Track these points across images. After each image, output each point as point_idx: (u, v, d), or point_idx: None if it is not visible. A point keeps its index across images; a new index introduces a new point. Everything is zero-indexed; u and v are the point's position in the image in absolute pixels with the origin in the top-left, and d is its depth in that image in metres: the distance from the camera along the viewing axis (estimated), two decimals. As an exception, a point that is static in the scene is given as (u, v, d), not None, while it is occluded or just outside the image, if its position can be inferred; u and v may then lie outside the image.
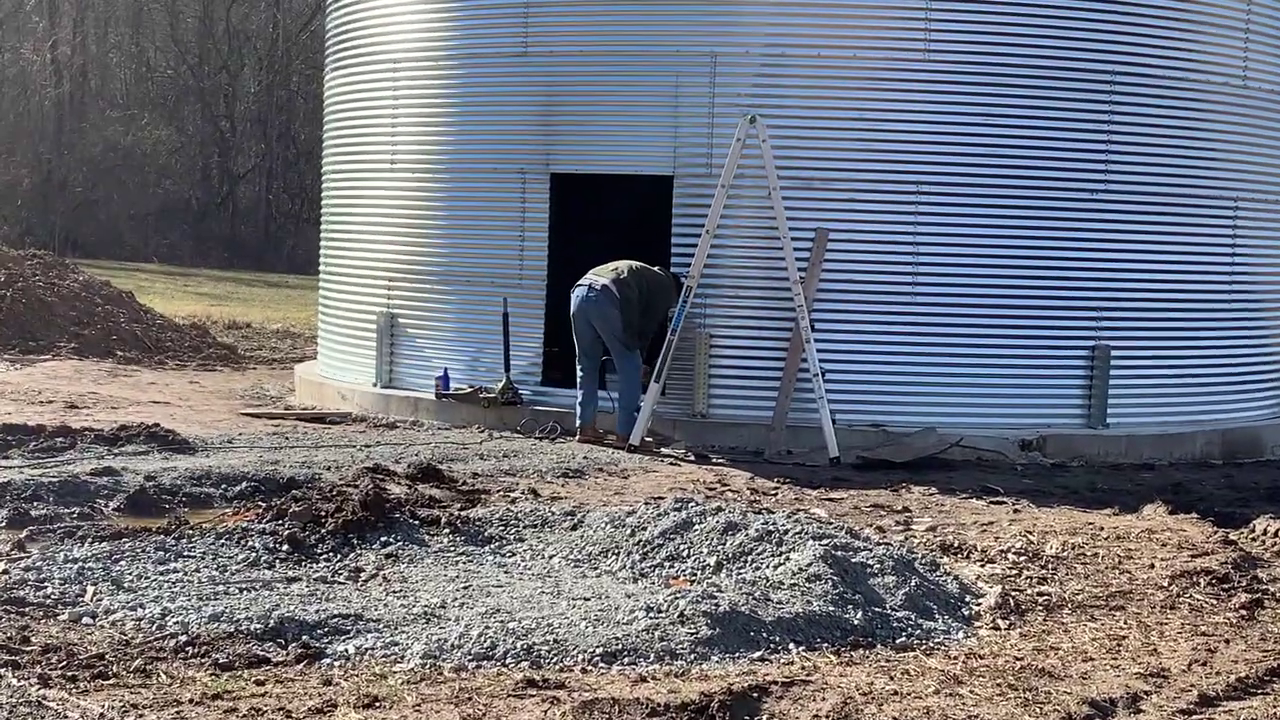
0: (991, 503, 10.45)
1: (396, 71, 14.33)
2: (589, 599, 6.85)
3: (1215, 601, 7.44)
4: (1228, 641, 6.70)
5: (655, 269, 12.60)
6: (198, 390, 15.68)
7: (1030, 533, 9.06)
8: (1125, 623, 7.01)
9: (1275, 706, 5.76)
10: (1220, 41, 13.61)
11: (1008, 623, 6.97)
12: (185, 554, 7.38)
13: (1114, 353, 13.06)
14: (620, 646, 6.09)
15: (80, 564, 7.06)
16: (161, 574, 7.02)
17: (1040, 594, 7.54)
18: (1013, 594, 7.42)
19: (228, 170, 50.40)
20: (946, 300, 12.75)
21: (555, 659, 5.99)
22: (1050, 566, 8.18)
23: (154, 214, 46.71)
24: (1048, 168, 12.89)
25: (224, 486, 9.51)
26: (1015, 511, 10.08)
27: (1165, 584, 7.73)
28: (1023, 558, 8.36)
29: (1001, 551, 8.49)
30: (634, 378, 12.40)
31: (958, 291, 12.76)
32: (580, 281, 12.46)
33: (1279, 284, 14.73)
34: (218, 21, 50.65)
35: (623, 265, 12.48)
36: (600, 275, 12.41)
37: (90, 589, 6.69)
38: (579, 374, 12.56)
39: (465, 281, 13.79)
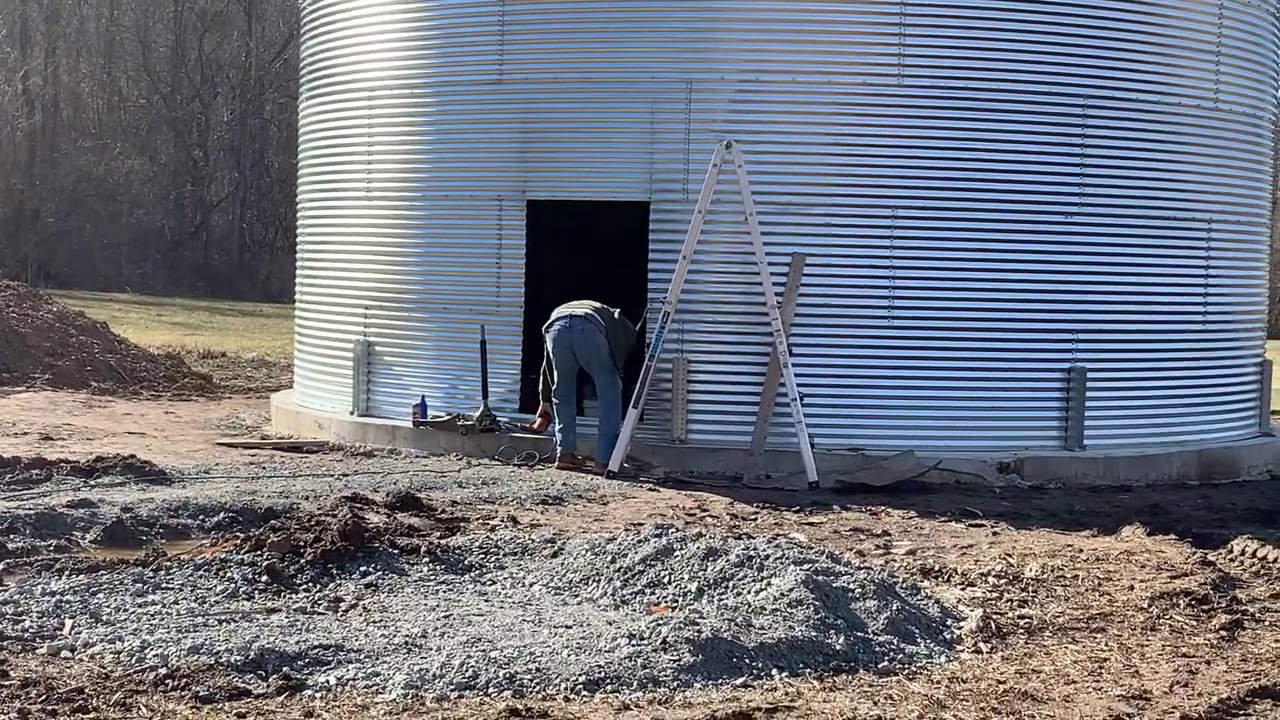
0: (970, 525, 10.47)
1: (372, 99, 14.33)
2: (570, 627, 6.83)
3: (1195, 623, 7.45)
4: (1209, 663, 6.71)
5: (613, 310, 12.66)
6: (173, 420, 15.61)
7: (1010, 555, 9.07)
8: (1106, 645, 7.02)
9: (1258, 727, 5.78)
10: (1192, 64, 13.72)
11: (989, 646, 6.97)
12: (164, 586, 7.33)
13: (1090, 375, 13.11)
14: (603, 674, 6.07)
15: (58, 597, 7.01)
16: (140, 606, 6.97)
17: (1021, 617, 7.54)
18: (994, 617, 7.42)
19: (201, 199, 50.32)
20: (923, 323, 12.79)
21: (538, 688, 5.97)
22: (1030, 589, 8.19)
23: (127, 243, 46.60)
24: (1022, 190, 12.95)
25: (202, 517, 9.47)
26: (994, 534, 10.10)
27: (1145, 605, 7.74)
28: (1003, 580, 8.37)
29: (982, 574, 8.50)
30: (616, 404, 12.42)
31: (934, 314, 12.80)
32: (555, 317, 12.50)
33: (1253, 305, 14.84)
34: (190, 50, 50.64)
35: (586, 303, 12.58)
36: (576, 308, 12.48)
37: (68, 622, 6.64)
38: (555, 401, 12.56)
39: (442, 309, 13.78)
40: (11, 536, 8.56)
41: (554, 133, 13.24)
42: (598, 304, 12.66)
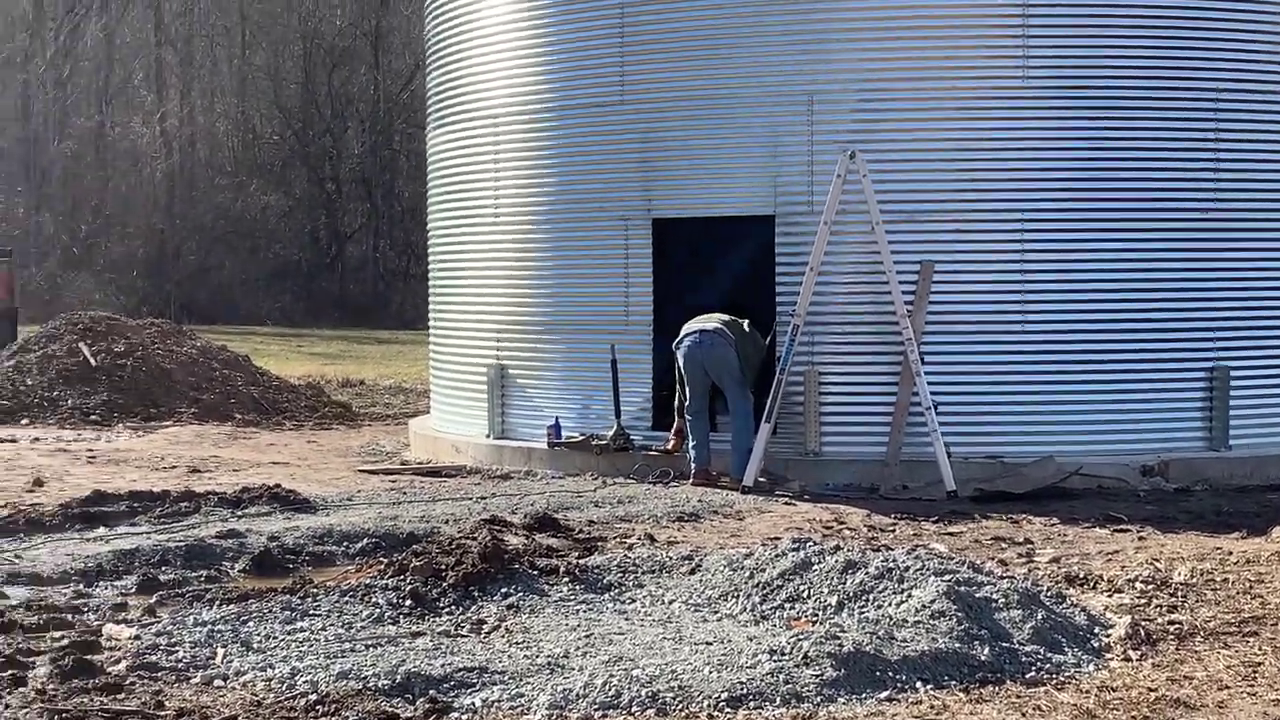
0: (1115, 531, 10.29)
1: (497, 125, 14.50)
2: (711, 643, 6.83)
3: (1353, 624, 7.25)
4: (1369, 665, 6.53)
5: (742, 322, 12.64)
6: (316, 449, 15.91)
7: (1157, 560, 8.90)
8: (1260, 649, 6.85)
9: None
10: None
11: (1139, 653, 6.84)
12: (311, 613, 7.47)
13: (1234, 372, 12.81)
14: (745, 691, 6.06)
15: (210, 626, 7.18)
16: (289, 633, 7.11)
17: (1171, 623, 7.39)
18: (1143, 624, 7.28)
19: (335, 231, 51.23)
20: (1059, 326, 12.60)
21: (680, 705, 5.98)
22: (1179, 594, 8.02)
23: (265, 277, 47.60)
24: (1155, 188, 12.71)
25: (346, 544, 9.64)
26: (1140, 539, 9.91)
27: (1300, 607, 7.55)
28: (1151, 586, 8.20)
29: (1129, 580, 8.34)
30: (748, 419, 12.41)
31: (1070, 317, 12.61)
32: (685, 332, 12.53)
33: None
34: (320, 86, 51.61)
35: (715, 316, 12.58)
36: (706, 322, 12.49)
37: (220, 651, 6.80)
38: (689, 418, 12.58)
39: (572, 330, 13.88)
40: (163, 569, 8.81)
41: (677, 150, 13.29)
42: (727, 316, 12.67)
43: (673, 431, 13.08)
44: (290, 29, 52.69)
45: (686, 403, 12.60)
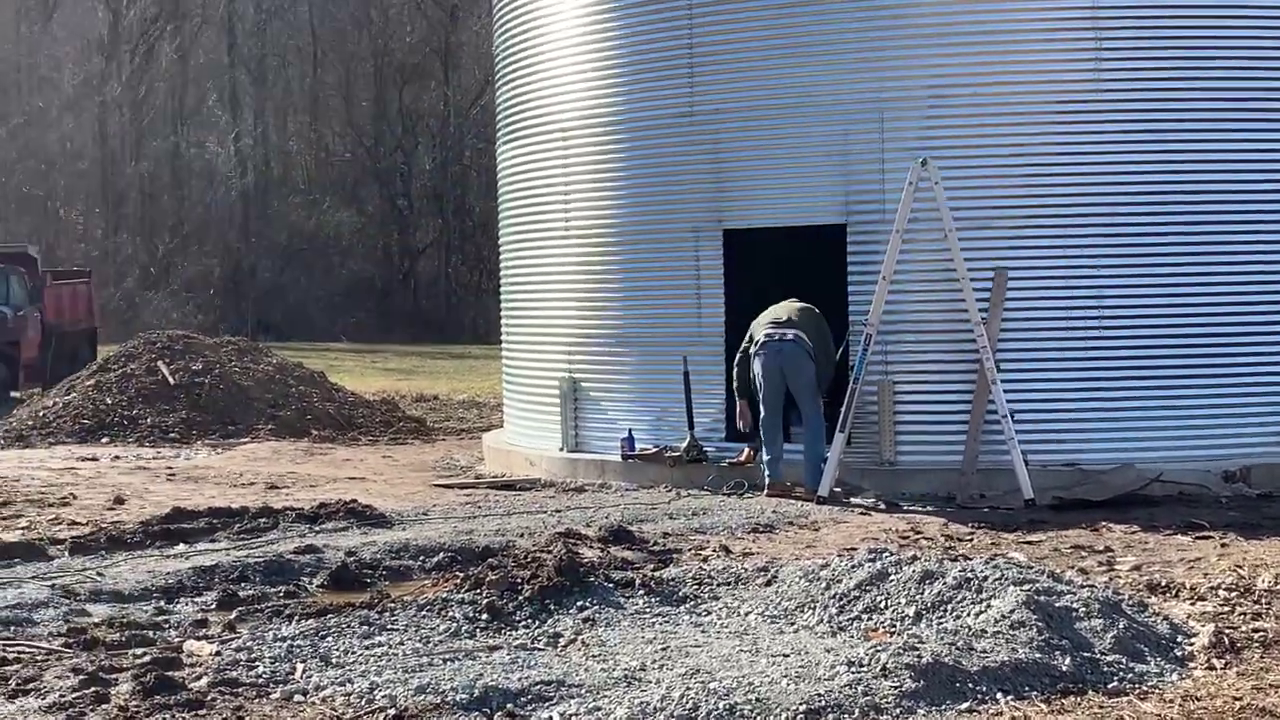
0: (1197, 538, 10.14)
1: (567, 140, 14.55)
2: (788, 655, 6.80)
3: None
4: None
5: (808, 306, 12.58)
6: (391, 464, 16.01)
7: (1240, 567, 8.76)
8: (1348, 657, 6.73)
9: None
10: None
11: (1223, 662, 6.74)
12: (389, 627, 7.50)
13: (1316, 376, 12.61)
14: (824, 703, 6.02)
15: (289, 642, 7.22)
16: (367, 648, 7.15)
17: (1255, 630, 7.27)
18: (1226, 632, 7.17)
19: (407, 247, 51.62)
20: (1135, 332, 12.45)
21: (759, 717, 5.95)
22: (1264, 601, 7.89)
23: (340, 294, 48.02)
24: (1230, 191, 12.53)
25: (422, 558, 9.69)
26: (1223, 546, 9.77)
27: (1389, 615, 7.41)
28: (1234, 594, 8.08)
29: (1211, 588, 8.22)
30: (820, 429, 12.36)
31: (1146, 322, 12.46)
32: (758, 338, 12.47)
33: None
34: (391, 103, 52.06)
35: (782, 313, 12.50)
36: (779, 328, 12.42)
37: (299, 666, 6.84)
38: (763, 428, 12.53)
39: (644, 342, 13.89)
40: (243, 584, 8.89)
41: (746, 161, 13.27)
42: (799, 305, 12.61)
43: (748, 446, 13.03)
44: (361, 47, 53.21)
45: (761, 414, 12.54)
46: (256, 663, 6.90)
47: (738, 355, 12.79)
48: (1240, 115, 12.53)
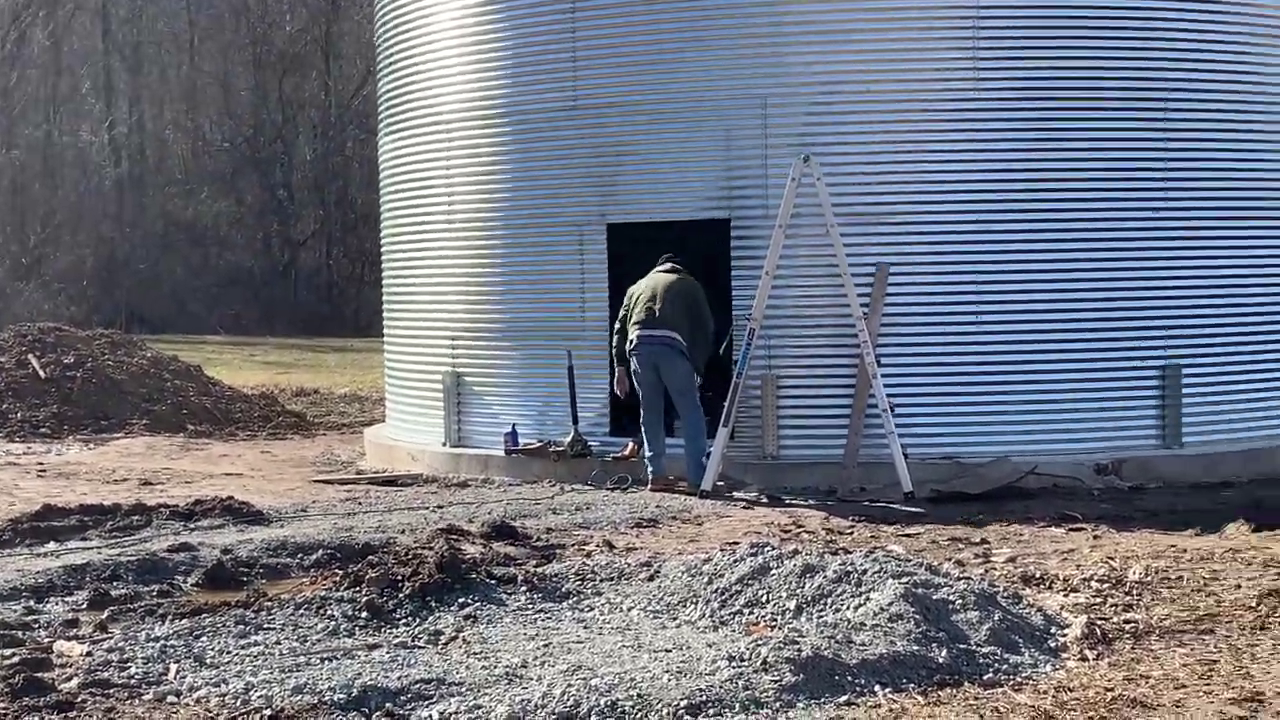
0: (1070, 530, 10.32)
1: (450, 132, 14.44)
2: (670, 650, 6.81)
3: (1307, 620, 7.30)
4: (1323, 661, 6.56)
5: (677, 275, 12.55)
6: (270, 460, 15.79)
7: (1112, 559, 8.93)
8: (1215, 647, 6.88)
9: (1378, 727, 5.63)
10: (1275, 52, 13.47)
11: (1095, 653, 6.86)
12: (265, 626, 7.40)
13: (1185, 371, 12.90)
14: (705, 698, 6.03)
15: (162, 642, 7.10)
16: (243, 648, 7.04)
17: (1127, 621, 7.42)
18: (1099, 623, 7.30)
19: (287, 238, 50.93)
20: (1012, 326, 12.65)
21: (640, 714, 5.94)
22: (1135, 593, 8.05)
23: (217, 285, 47.25)
24: (1107, 187, 12.79)
25: (300, 556, 9.55)
26: (1095, 538, 9.95)
27: (1254, 604, 7.59)
28: (1106, 585, 8.24)
29: (1084, 580, 8.37)
30: (699, 425, 12.40)
31: (1023, 318, 12.66)
32: (632, 336, 12.45)
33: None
34: (270, 92, 51.30)
35: (658, 293, 12.46)
36: (651, 326, 12.38)
37: (173, 667, 6.72)
38: (645, 426, 12.54)
39: (528, 336, 13.85)
40: (115, 584, 8.70)
41: (631, 155, 13.27)
42: (673, 277, 12.53)
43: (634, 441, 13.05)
44: (240, 35, 52.37)
45: (643, 410, 12.55)
46: (129, 663, 6.77)
47: (616, 323, 12.74)
48: (1115, 113, 12.78)
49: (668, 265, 12.77)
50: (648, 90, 13.17)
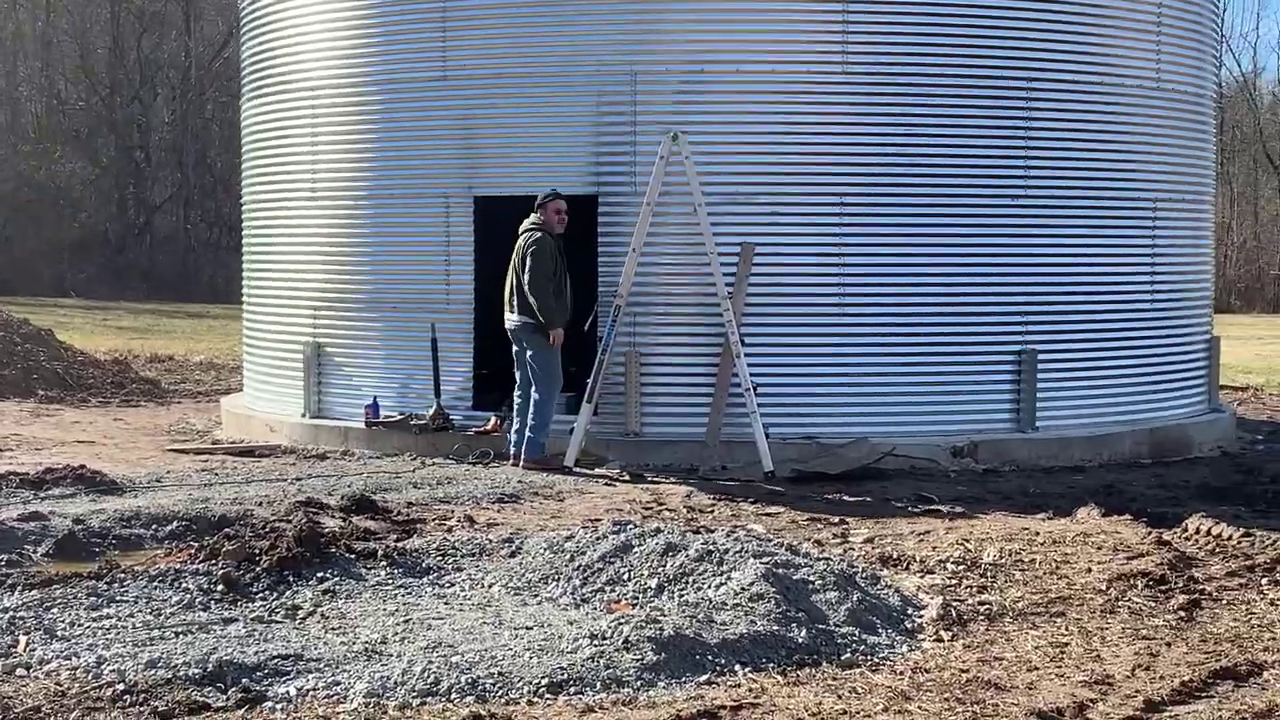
0: (927, 511, 10.49)
1: (315, 98, 14.21)
2: (531, 628, 6.79)
3: (1154, 604, 7.50)
4: (1169, 645, 6.75)
5: (522, 242, 12.40)
6: (123, 428, 15.45)
7: (967, 541, 9.10)
8: (1067, 629, 7.04)
9: (1220, 710, 5.80)
10: (1133, 45, 13.79)
11: (951, 634, 6.98)
12: (118, 599, 7.24)
13: (1040, 356, 13.16)
14: (566, 676, 6.03)
15: (11, 613, 6.91)
16: (95, 620, 6.88)
17: (981, 603, 7.56)
18: (954, 604, 7.44)
19: (143, 201, 49.84)
20: (874, 310, 12.80)
21: (500, 692, 5.92)
22: (989, 574, 8.21)
23: (70, 248, 46.09)
24: (968, 175, 12.98)
25: (154, 527, 9.35)
26: (951, 520, 10.12)
27: (1103, 588, 7.78)
28: (961, 567, 8.39)
29: (940, 561, 8.52)
30: (541, 404, 12.25)
31: (885, 301, 12.82)
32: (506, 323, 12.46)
33: (1200, 282, 14.94)
34: (128, 51, 50.10)
35: (508, 282, 12.41)
36: (509, 313, 12.38)
37: (23, 639, 6.54)
38: (516, 398, 12.49)
39: (392, 308, 13.70)
40: (-39, 553, 8.44)
41: (499, 127, 13.17)
42: (518, 244, 12.36)
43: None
44: (98, -9, 51.06)
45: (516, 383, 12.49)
46: (-25, 636, 6.58)
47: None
48: (978, 100, 12.97)
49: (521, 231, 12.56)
50: (518, 61, 13.07)
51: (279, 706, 5.78)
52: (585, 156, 12.92)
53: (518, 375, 12.50)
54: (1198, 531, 9.34)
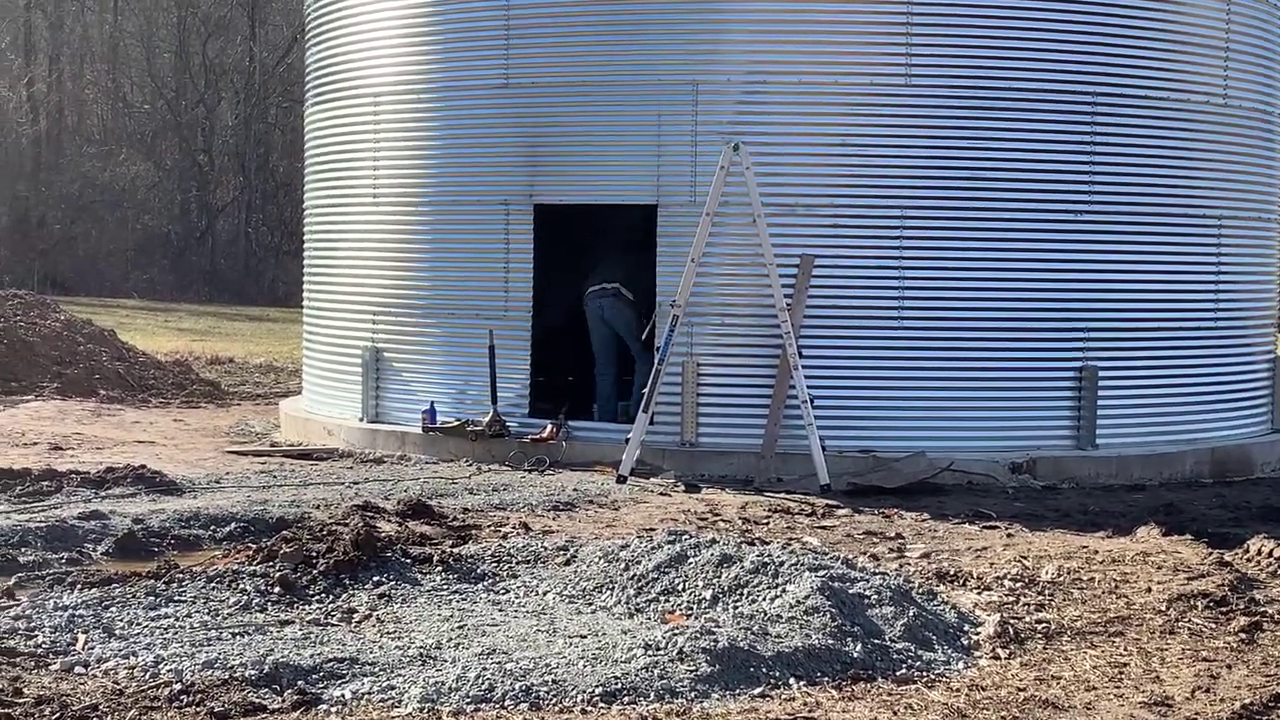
0: (984, 527, 10.42)
1: (378, 104, 14.30)
2: (585, 636, 6.78)
3: (1214, 625, 7.40)
4: (1229, 667, 6.66)
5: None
6: (183, 429, 15.59)
7: (1025, 558, 9.01)
8: (1125, 649, 6.97)
9: (1282, 733, 5.72)
10: (1201, 61, 13.66)
11: (1008, 652, 6.92)
12: (176, 599, 7.29)
13: (1101, 373, 13.05)
14: (620, 686, 6.02)
15: (71, 611, 6.98)
16: (153, 620, 6.93)
17: (1039, 621, 7.49)
18: (1011, 622, 7.37)
19: (206, 204, 50.30)
20: (934, 323, 12.74)
21: (554, 700, 5.92)
22: (1047, 592, 8.13)
23: (133, 249, 46.60)
24: (1031, 189, 12.89)
25: (213, 528, 9.43)
26: (1009, 536, 10.04)
27: (1163, 608, 7.69)
28: (1019, 584, 8.31)
29: (997, 578, 8.44)
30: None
31: (945, 315, 12.75)
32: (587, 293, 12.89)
33: (1264, 302, 14.77)
34: (194, 55, 50.61)
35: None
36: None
37: (81, 637, 6.61)
38: (598, 375, 12.87)
39: (450, 314, 13.75)
40: (23, 550, 8.53)
41: (560, 136, 13.20)
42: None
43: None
44: (165, -4, 51.60)
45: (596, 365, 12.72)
46: (36, 632, 6.65)
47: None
48: (1042, 113, 12.88)
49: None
50: (580, 71, 13.10)
51: (334, 709, 5.81)
52: (646, 166, 12.92)
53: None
54: (1259, 553, 9.20)
